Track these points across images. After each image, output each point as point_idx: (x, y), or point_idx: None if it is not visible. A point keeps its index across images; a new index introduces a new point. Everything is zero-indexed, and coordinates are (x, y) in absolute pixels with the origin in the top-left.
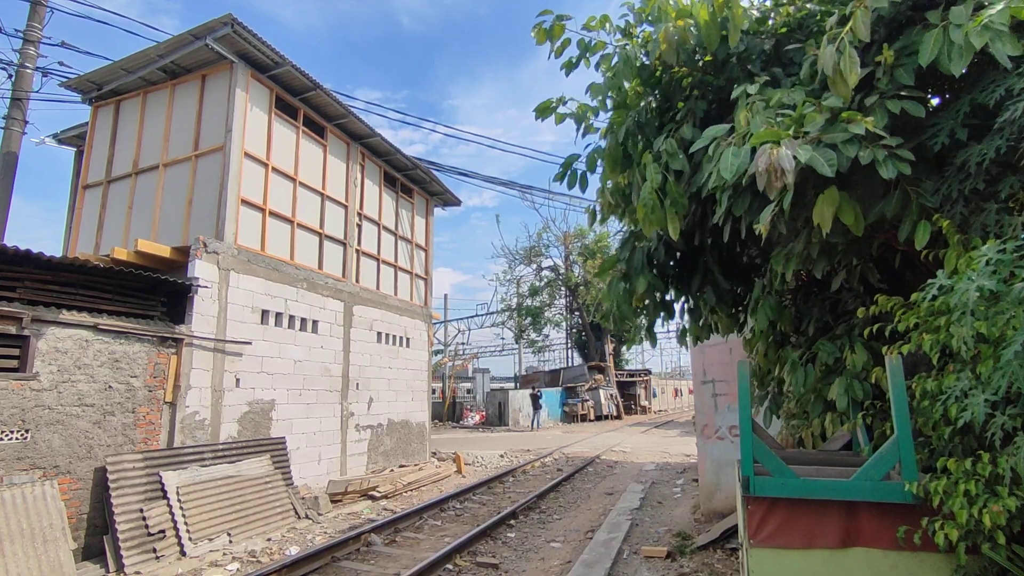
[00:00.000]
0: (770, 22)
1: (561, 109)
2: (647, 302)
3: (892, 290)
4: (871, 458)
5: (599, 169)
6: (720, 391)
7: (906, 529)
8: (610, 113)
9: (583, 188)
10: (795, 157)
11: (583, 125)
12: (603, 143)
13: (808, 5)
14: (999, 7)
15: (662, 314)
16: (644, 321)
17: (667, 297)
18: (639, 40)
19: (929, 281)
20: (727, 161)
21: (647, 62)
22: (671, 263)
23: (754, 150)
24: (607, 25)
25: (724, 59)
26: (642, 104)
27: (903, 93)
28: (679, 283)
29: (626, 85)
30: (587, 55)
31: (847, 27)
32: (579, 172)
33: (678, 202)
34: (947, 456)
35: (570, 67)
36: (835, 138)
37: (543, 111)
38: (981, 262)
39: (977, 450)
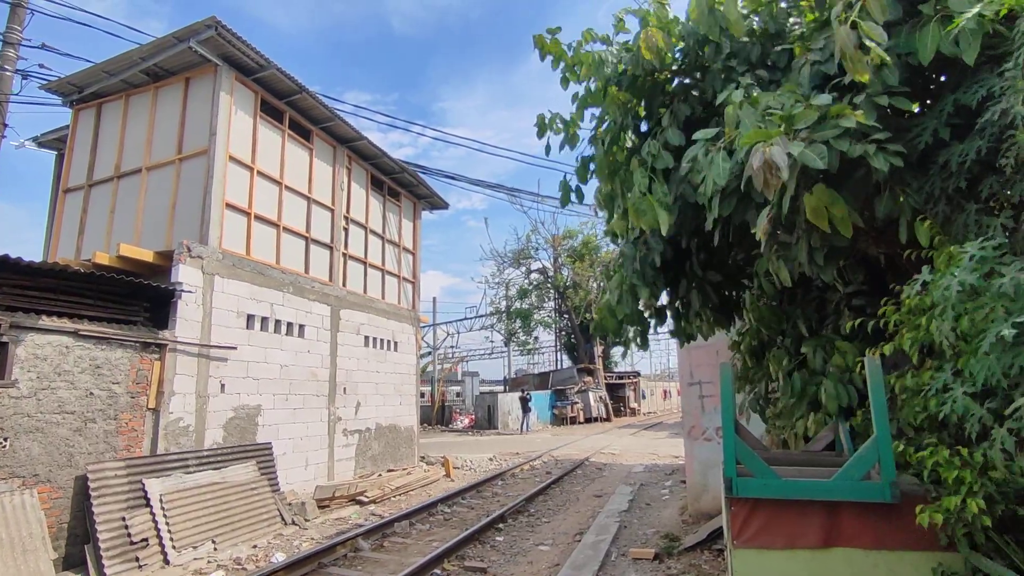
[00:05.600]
0: (755, 24)
1: (555, 123)
2: (638, 314)
3: (875, 291)
4: (851, 458)
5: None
6: (707, 393)
7: (887, 526)
8: (595, 120)
9: (580, 200)
10: (788, 153)
11: (569, 133)
12: (590, 152)
13: (783, 4)
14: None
15: (653, 321)
16: (632, 332)
17: (658, 303)
18: (626, 44)
19: (914, 277)
20: (718, 167)
21: (628, 68)
22: (659, 270)
23: (747, 153)
24: (591, 36)
25: (706, 64)
26: (627, 107)
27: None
28: (668, 287)
29: (603, 86)
30: (574, 68)
31: (857, 7)
32: (574, 187)
33: (662, 202)
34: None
35: (565, 83)
36: (825, 134)
37: (542, 128)
38: (964, 258)
39: (955, 446)
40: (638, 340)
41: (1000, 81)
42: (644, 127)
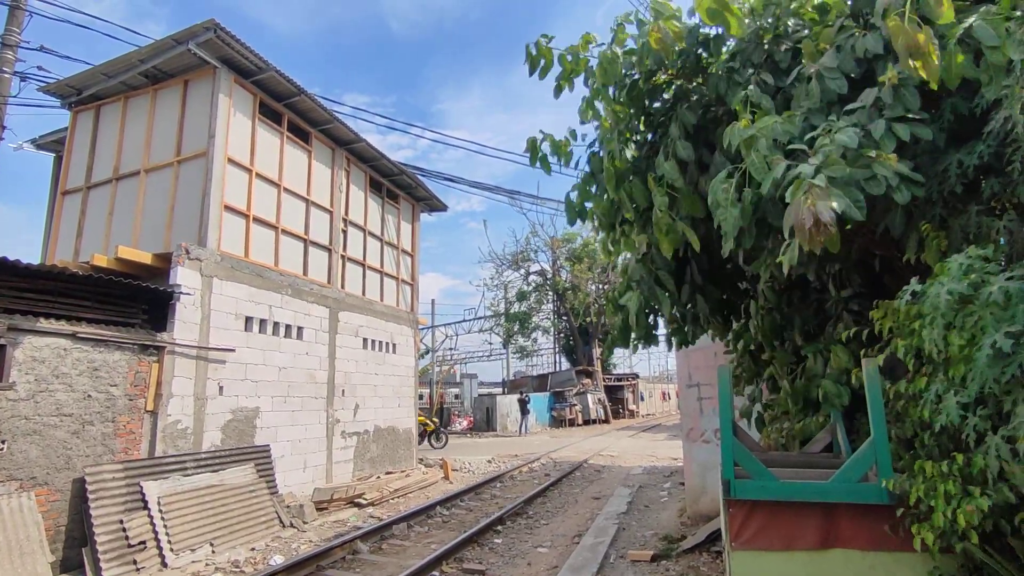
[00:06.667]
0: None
1: (545, 145)
2: (643, 320)
3: (872, 293)
4: (848, 460)
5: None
6: (705, 395)
7: (884, 528)
8: (594, 127)
9: (584, 219)
10: (833, 208)
11: (562, 153)
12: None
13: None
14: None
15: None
16: (636, 335)
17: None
18: (626, 47)
19: (904, 288)
20: (740, 211)
21: (631, 73)
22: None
23: (759, 196)
24: (591, 44)
25: (707, 66)
26: (627, 117)
27: (909, 115)
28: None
29: (610, 92)
30: (571, 76)
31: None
32: (581, 207)
33: (695, 208)
34: (924, 458)
35: (559, 90)
36: (856, 174)
37: (533, 154)
38: (953, 266)
39: (953, 451)
40: (643, 339)
41: (1004, 89)
42: (643, 133)
